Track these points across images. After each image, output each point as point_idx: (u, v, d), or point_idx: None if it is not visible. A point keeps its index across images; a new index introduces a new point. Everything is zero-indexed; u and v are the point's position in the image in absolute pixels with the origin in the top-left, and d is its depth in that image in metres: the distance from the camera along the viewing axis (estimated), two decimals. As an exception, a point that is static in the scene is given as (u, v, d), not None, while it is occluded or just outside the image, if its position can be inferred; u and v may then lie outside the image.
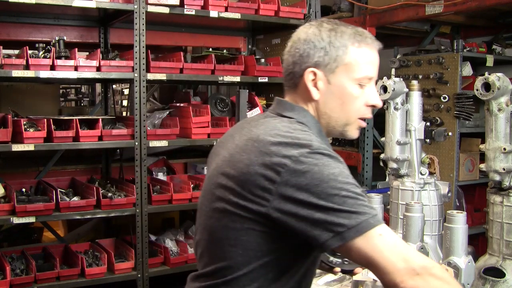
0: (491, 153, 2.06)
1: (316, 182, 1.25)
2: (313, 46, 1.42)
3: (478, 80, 2.03)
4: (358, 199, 1.25)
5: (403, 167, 2.30)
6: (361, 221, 1.22)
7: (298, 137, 1.32)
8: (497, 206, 2.04)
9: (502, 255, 2.02)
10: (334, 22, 1.47)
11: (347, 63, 1.42)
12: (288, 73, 1.48)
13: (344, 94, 1.44)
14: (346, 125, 1.48)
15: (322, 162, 1.27)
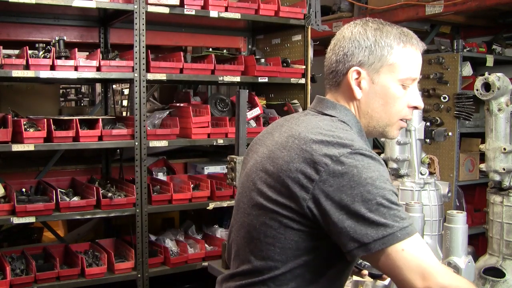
0: (491, 153, 2.05)
1: (353, 185, 1.24)
2: (358, 45, 1.41)
3: (478, 80, 2.03)
4: (391, 208, 1.24)
5: (403, 167, 2.30)
6: (388, 234, 1.21)
7: (340, 136, 1.32)
8: (497, 206, 2.04)
9: (502, 255, 2.02)
10: (379, 22, 1.46)
11: (392, 63, 1.42)
12: (331, 72, 1.47)
13: (387, 94, 1.43)
14: (387, 125, 1.47)
15: (362, 164, 1.26)
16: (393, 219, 1.23)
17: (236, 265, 1.43)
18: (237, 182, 1.49)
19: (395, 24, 1.48)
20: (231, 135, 3.67)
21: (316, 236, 1.31)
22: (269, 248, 1.33)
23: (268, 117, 4.02)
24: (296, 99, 4.18)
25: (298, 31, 4.12)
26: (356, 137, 1.36)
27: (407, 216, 1.27)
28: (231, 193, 3.73)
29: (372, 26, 1.43)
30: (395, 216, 1.23)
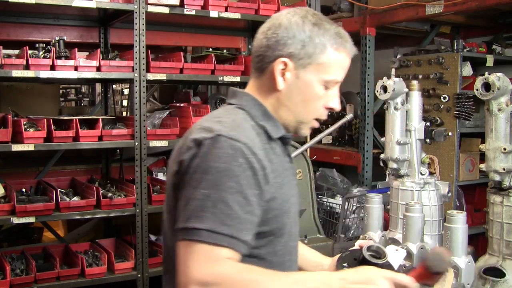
0: (491, 153, 2.06)
1: (200, 170, 1.26)
2: (293, 36, 1.39)
3: (478, 80, 2.03)
4: (217, 206, 1.22)
5: (403, 167, 2.29)
6: (194, 228, 1.21)
7: (216, 122, 1.33)
8: (497, 206, 2.04)
9: (502, 255, 2.02)
10: (319, 16, 1.43)
11: (321, 63, 1.40)
12: (258, 55, 1.44)
13: (309, 92, 1.42)
14: (302, 122, 1.46)
15: (215, 152, 1.26)
16: (213, 217, 1.21)
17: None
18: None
19: (334, 23, 1.46)
20: (231, 135, 3.66)
21: None
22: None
23: (268, 117, 4.02)
24: (296, 99, 4.17)
25: (298, 31, 4.11)
26: (240, 122, 1.35)
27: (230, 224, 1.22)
28: (231, 193, 3.72)
29: (311, 20, 1.40)
30: (215, 215, 1.21)
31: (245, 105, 1.43)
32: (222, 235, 1.22)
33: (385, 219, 2.17)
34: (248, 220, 1.27)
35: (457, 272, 1.75)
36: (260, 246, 1.37)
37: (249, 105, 1.43)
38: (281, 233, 1.42)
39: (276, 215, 1.38)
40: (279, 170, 1.42)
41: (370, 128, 4.55)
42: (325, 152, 4.91)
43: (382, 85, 2.26)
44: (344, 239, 3.48)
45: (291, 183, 1.50)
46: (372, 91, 4.47)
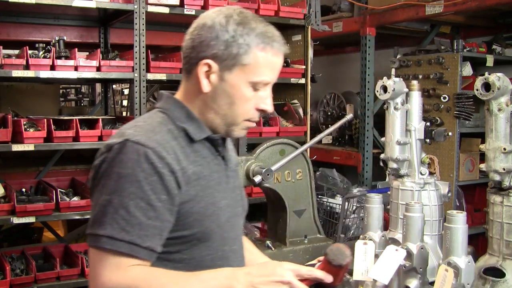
0: (491, 153, 2.05)
1: (105, 174, 1.27)
2: (216, 37, 1.34)
3: (478, 80, 2.03)
4: (118, 212, 1.22)
5: (403, 167, 2.29)
6: (97, 234, 1.23)
7: (132, 126, 1.34)
8: (497, 206, 2.04)
9: (502, 255, 2.02)
10: (245, 15, 1.38)
11: (246, 64, 1.35)
12: (185, 56, 1.42)
13: (236, 94, 1.37)
14: (232, 124, 1.42)
15: (120, 157, 1.26)
16: (111, 223, 1.22)
17: None
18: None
19: (263, 20, 1.41)
20: (231, 135, 3.67)
21: None
22: None
23: (268, 117, 4.02)
24: (296, 99, 4.18)
25: (298, 31, 4.12)
26: (155, 126, 1.34)
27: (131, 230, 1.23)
28: (231, 193, 3.72)
29: (236, 19, 1.35)
30: (116, 222, 1.22)
31: (167, 108, 1.41)
32: (121, 241, 1.22)
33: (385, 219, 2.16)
34: (152, 226, 1.26)
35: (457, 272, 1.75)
36: (182, 250, 1.36)
37: (171, 108, 1.41)
38: (206, 238, 1.39)
39: (197, 219, 1.36)
40: (204, 173, 1.39)
41: (370, 128, 4.55)
42: (325, 152, 4.91)
43: (382, 85, 2.26)
44: (344, 239, 3.48)
45: (223, 186, 1.46)
46: (372, 91, 4.47)
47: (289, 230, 2.40)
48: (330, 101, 5.17)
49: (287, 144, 2.41)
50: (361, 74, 4.53)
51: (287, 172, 2.38)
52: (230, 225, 1.47)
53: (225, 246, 1.45)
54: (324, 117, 5.21)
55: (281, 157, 2.35)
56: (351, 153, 4.68)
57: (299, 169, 2.43)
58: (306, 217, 2.46)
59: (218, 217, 1.41)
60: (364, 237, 2.07)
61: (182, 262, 1.36)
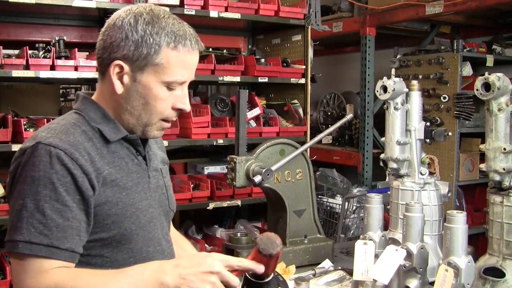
0: (491, 153, 2.05)
1: (19, 179, 1.26)
2: (125, 37, 1.32)
3: (478, 80, 2.03)
4: (33, 216, 1.21)
5: (403, 167, 2.29)
6: (12, 240, 1.22)
7: (46, 128, 1.33)
8: (497, 206, 2.04)
9: (502, 255, 2.02)
10: (155, 14, 1.34)
11: (158, 63, 1.33)
12: (98, 57, 1.39)
13: (149, 95, 1.36)
14: (147, 125, 1.41)
15: (33, 161, 1.25)
16: (26, 228, 1.20)
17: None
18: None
19: (176, 17, 1.39)
20: (231, 135, 3.67)
21: None
22: None
23: (268, 117, 4.02)
24: (296, 99, 4.18)
25: (298, 31, 4.12)
26: (67, 128, 1.33)
27: (48, 233, 1.21)
28: (231, 193, 3.73)
29: (146, 18, 1.33)
30: (30, 225, 1.20)
31: (83, 108, 1.40)
32: (40, 245, 1.21)
33: (385, 219, 2.16)
34: (70, 226, 1.25)
35: (457, 272, 1.75)
36: (104, 253, 1.36)
37: (87, 109, 1.40)
38: (127, 240, 1.38)
39: (115, 221, 1.35)
40: (121, 173, 1.39)
41: (370, 128, 4.55)
42: (325, 152, 4.91)
43: (382, 85, 2.26)
44: (344, 239, 3.48)
45: (142, 186, 1.45)
46: (372, 91, 4.47)
47: (289, 230, 2.40)
48: (330, 101, 5.17)
49: (287, 144, 2.41)
50: (361, 74, 4.53)
51: (287, 172, 2.38)
52: (153, 225, 1.46)
53: (149, 247, 1.44)
54: (324, 117, 5.21)
55: (281, 157, 2.35)
56: (351, 153, 4.69)
57: (299, 169, 2.43)
58: (306, 217, 2.46)
59: (138, 218, 1.40)
60: (364, 237, 2.07)
61: (104, 265, 1.35)
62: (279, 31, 4.31)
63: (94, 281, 1.23)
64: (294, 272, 2.26)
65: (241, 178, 2.27)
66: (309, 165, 2.47)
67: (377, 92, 2.30)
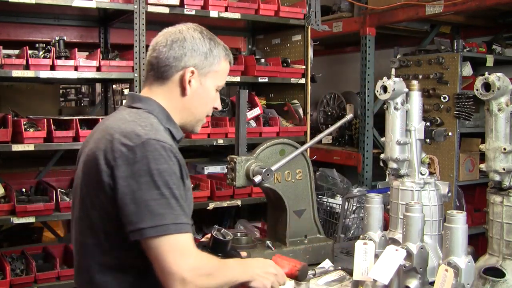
0: (491, 153, 2.05)
1: (142, 173, 1.40)
2: (197, 49, 1.62)
3: (478, 80, 2.03)
4: (170, 202, 1.40)
5: (403, 167, 2.29)
6: (161, 224, 1.38)
7: (139, 126, 1.48)
8: (497, 206, 2.04)
9: (502, 255, 2.02)
10: (209, 32, 1.68)
11: (216, 71, 1.67)
12: (165, 65, 1.61)
13: (208, 96, 1.68)
14: (199, 121, 1.72)
15: (153, 155, 1.42)
16: (170, 212, 1.39)
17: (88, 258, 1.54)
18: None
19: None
20: (231, 135, 3.67)
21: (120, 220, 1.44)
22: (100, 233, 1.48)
23: (268, 117, 4.02)
24: (296, 99, 4.18)
25: (298, 31, 4.12)
26: (156, 126, 1.53)
27: (184, 213, 1.43)
28: (231, 193, 3.73)
29: (207, 35, 1.66)
30: (173, 209, 1.40)
31: (152, 109, 1.60)
32: (184, 224, 1.42)
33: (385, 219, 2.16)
34: (185, 207, 1.48)
35: (457, 272, 1.75)
36: None
37: (155, 110, 1.60)
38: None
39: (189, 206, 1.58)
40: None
41: (370, 128, 4.55)
42: (325, 152, 4.91)
43: (382, 85, 2.26)
44: (344, 239, 3.48)
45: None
46: (372, 91, 4.47)
47: (289, 230, 2.40)
48: (330, 101, 5.17)
49: (287, 144, 2.41)
50: (361, 74, 4.53)
51: (287, 172, 2.38)
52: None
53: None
54: (324, 117, 5.21)
55: (281, 157, 2.35)
56: (351, 153, 4.68)
57: (299, 169, 2.43)
58: (306, 217, 2.46)
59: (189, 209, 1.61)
60: (364, 237, 2.07)
61: None
62: (279, 31, 4.31)
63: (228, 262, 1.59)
64: (294, 272, 2.26)
65: (241, 178, 2.27)
66: (309, 165, 2.46)
67: (377, 92, 2.30)
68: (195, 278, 1.40)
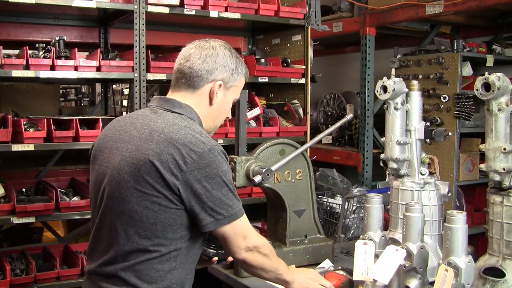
0: (491, 153, 2.05)
1: (213, 176, 1.64)
2: (226, 65, 1.82)
3: (478, 80, 2.03)
4: (234, 195, 1.71)
5: (403, 167, 2.29)
6: (233, 213, 1.69)
7: (196, 133, 1.68)
8: (497, 206, 2.04)
9: (502, 255, 2.02)
10: (234, 49, 1.89)
11: (237, 85, 1.89)
12: (197, 76, 1.79)
13: (227, 107, 1.91)
14: (215, 129, 1.94)
15: (218, 160, 1.66)
16: (235, 202, 1.70)
17: (114, 250, 1.68)
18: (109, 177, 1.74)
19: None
20: (231, 135, 3.67)
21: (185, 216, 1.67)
22: (151, 228, 1.64)
23: (268, 117, 4.02)
24: (296, 99, 4.18)
25: (298, 31, 4.12)
26: (205, 133, 1.74)
27: (239, 200, 1.73)
28: (231, 193, 3.72)
29: (234, 53, 1.87)
30: (237, 200, 1.71)
31: (193, 116, 1.80)
32: (242, 209, 1.73)
33: (385, 219, 2.16)
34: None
35: (457, 272, 1.75)
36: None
37: (195, 117, 1.80)
38: None
39: None
40: None
41: (370, 128, 4.55)
42: (325, 152, 4.91)
43: (382, 85, 2.26)
44: (344, 239, 3.48)
45: None
46: (372, 91, 4.47)
47: (289, 230, 2.40)
48: (330, 101, 5.17)
49: (287, 144, 2.40)
50: (361, 74, 4.53)
51: (287, 172, 2.38)
52: None
53: None
54: (324, 117, 5.21)
55: (281, 157, 2.35)
56: (351, 153, 4.68)
57: (299, 169, 2.43)
58: (306, 217, 2.46)
59: None
60: (364, 237, 2.07)
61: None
62: (279, 31, 4.31)
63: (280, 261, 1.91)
64: (294, 272, 2.26)
65: (241, 178, 2.27)
66: (309, 165, 2.46)
67: (377, 92, 2.30)
68: (256, 253, 1.77)
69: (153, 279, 1.66)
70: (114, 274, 1.68)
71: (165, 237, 1.66)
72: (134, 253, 1.66)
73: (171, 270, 1.69)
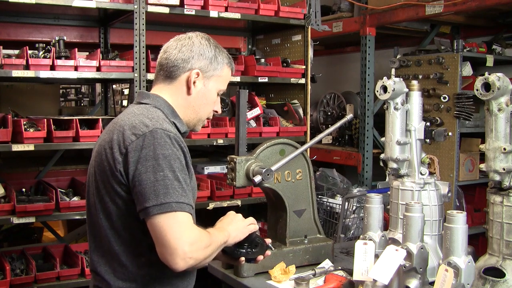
0: (491, 153, 2.05)
1: (148, 158, 1.57)
2: (203, 53, 1.80)
3: (478, 80, 2.03)
4: (173, 184, 1.55)
5: (403, 167, 2.29)
6: (165, 203, 1.52)
7: (147, 118, 1.65)
8: (497, 206, 2.04)
9: (502, 255, 2.02)
10: (214, 40, 1.87)
11: (220, 75, 1.85)
12: (173, 66, 1.79)
13: (210, 97, 1.85)
14: (199, 120, 1.88)
15: (158, 142, 1.58)
16: (175, 192, 1.55)
17: (96, 246, 1.75)
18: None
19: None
20: (231, 135, 3.67)
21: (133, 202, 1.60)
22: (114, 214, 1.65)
23: (268, 117, 4.02)
24: (296, 99, 4.18)
25: (298, 31, 4.12)
26: (162, 118, 1.69)
27: (186, 195, 1.58)
28: (231, 193, 3.73)
29: (213, 42, 1.85)
30: (180, 191, 1.56)
31: (159, 105, 1.77)
32: (184, 204, 1.56)
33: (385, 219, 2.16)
34: (188, 190, 1.62)
35: (457, 272, 1.75)
36: None
37: (162, 106, 1.77)
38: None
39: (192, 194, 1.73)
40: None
41: (370, 128, 4.55)
42: (325, 152, 4.91)
43: (382, 85, 2.26)
44: (344, 239, 3.48)
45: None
46: (372, 91, 4.47)
47: (289, 230, 2.40)
48: (330, 101, 5.17)
49: (287, 144, 2.40)
50: (361, 74, 4.53)
51: (287, 172, 2.38)
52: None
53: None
54: (324, 117, 5.21)
55: (281, 157, 2.35)
56: (351, 153, 4.68)
57: (299, 169, 2.43)
58: (306, 217, 2.46)
59: (194, 198, 1.77)
60: (364, 237, 2.07)
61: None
62: (279, 31, 4.31)
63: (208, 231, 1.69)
64: (294, 272, 2.26)
65: (241, 178, 2.27)
66: (309, 165, 2.46)
67: (377, 92, 2.30)
68: (195, 252, 1.54)
69: (130, 273, 1.67)
70: (96, 270, 1.74)
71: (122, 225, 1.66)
72: (111, 248, 1.68)
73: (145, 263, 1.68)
